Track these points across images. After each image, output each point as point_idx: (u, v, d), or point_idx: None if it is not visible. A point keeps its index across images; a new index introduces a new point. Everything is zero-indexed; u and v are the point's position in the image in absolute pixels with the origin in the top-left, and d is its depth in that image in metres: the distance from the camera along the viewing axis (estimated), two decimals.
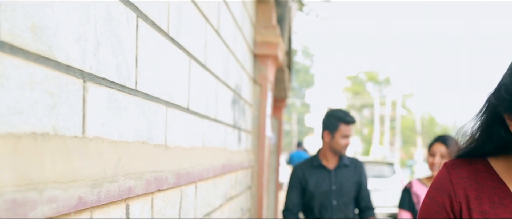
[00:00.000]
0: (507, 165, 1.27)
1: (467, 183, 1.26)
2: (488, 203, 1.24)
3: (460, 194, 1.25)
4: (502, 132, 1.23)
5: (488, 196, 1.25)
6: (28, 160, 0.83)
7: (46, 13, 0.89)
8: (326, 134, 3.60)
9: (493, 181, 1.26)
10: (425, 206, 1.31)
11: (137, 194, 1.35)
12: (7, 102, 0.79)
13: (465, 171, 1.28)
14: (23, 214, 0.80)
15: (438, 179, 1.31)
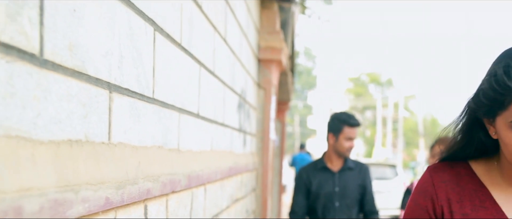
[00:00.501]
0: (488, 168, 1.31)
1: (449, 186, 1.30)
2: (470, 206, 1.27)
3: (442, 197, 1.29)
4: (482, 135, 1.27)
5: (470, 199, 1.28)
6: (66, 164, 0.94)
7: (80, 32, 1.00)
8: (330, 136, 3.69)
9: (474, 184, 1.30)
10: (409, 209, 1.35)
11: (154, 195, 1.45)
12: (49, 113, 0.89)
13: (447, 175, 1.31)
14: (62, 213, 0.90)
15: (421, 182, 1.34)
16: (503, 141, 1.19)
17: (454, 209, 1.27)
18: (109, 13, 1.14)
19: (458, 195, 1.28)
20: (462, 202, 1.28)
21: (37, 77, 0.85)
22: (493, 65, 1.20)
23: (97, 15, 1.07)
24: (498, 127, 1.20)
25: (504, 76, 1.14)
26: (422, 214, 1.31)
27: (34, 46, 0.84)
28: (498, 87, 1.15)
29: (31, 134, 0.84)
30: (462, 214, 1.26)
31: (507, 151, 1.20)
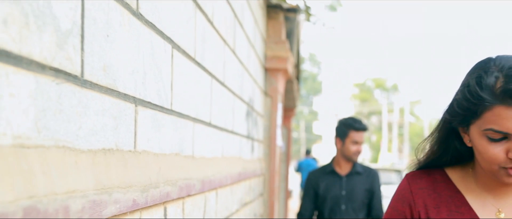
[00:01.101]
0: (463, 175, 1.37)
1: (426, 193, 1.35)
2: (446, 211, 1.32)
3: (419, 204, 1.34)
4: (457, 144, 1.33)
5: (446, 205, 1.33)
6: (101, 170, 1.08)
7: (112, 55, 1.14)
8: (337, 141, 3.82)
9: (450, 190, 1.35)
10: (388, 215, 1.41)
11: (172, 198, 1.58)
12: (88, 126, 1.03)
13: (425, 182, 1.37)
14: (99, 212, 1.04)
15: (399, 189, 1.40)
16: (477, 148, 1.24)
17: (431, 215, 1.32)
18: (135, 36, 1.28)
19: (435, 201, 1.33)
20: (439, 207, 1.33)
21: (79, 96, 0.99)
22: (467, 77, 1.25)
23: (125, 38, 1.21)
24: (472, 135, 1.25)
25: (476, 87, 1.19)
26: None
27: (76, 69, 0.98)
28: (471, 98, 1.20)
29: (74, 144, 0.98)
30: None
31: (480, 158, 1.25)
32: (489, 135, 1.19)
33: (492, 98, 1.16)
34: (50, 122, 0.89)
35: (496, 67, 1.18)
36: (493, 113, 1.16)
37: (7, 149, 0.76)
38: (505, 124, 1.15)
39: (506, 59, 1.19)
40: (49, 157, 0.88)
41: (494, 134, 1.18)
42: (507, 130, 1.15)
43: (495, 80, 1.16)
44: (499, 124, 1.16)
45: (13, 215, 0.74)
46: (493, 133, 1.18)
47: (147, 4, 1.35)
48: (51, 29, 0.88)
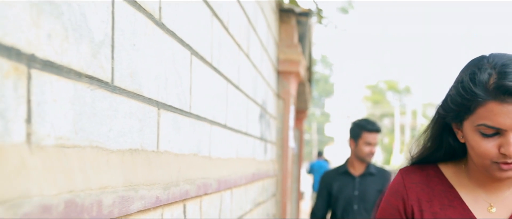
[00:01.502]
0: (456, 170, 1.39)
1: (419, 187, 1.38)
2: (439, 205, 1.35)
3: (412, 198, 1.37)
4: (451, 139, 1.36)
5: (439, 199, 1.36)
6: (128, 168, 1.17)
7: (138, 62, 1.23)
8: (351, 142, 3.90)
9: (443, 185, 1.38)
10: (382, 209, 1.44)
11: (191, 196, 1.68)
12: (117, 128, 1.13)
13: (418, 176, 1.40)
14: (127, 207, 1.13)
15: (393, 184, 1.44)
16: (470, 144, 1.26)
17: (424, 208, 1.35)
18: (158, 44, 1.37)
19: (427, 195, 1.37)
20: (432, 201, 1.36)
21: (109, 100, 1.09)
22: (461, 73, 1.28)
23: (149, 46, 1.31)
24: (465, 131, 1.27)
25: (470, 83, 1.21)
26: (393, 213, 1.40)
27: (107, 76, 1.07)
28: (464, 94, 1.22)
29: (105, 144, 1.07)
30: (432, 212, 1.34)
31: (473, 153, 1.27)
32: (482, 130, 1.22)
33: (485, 94, 1.18)
34: (85, 124, 0.98)
35: (489, 65, 1.21)
36: (486, 108, 1.19)
37: (51, 149, 0.86)
38: (498, 120, 1.18)
39: (499, 57, 1.22)
40: (85, 156, 0.97)
41: (487, 129, 1.21)
42: (500, 125, 1.18)
43: (488, 77, 1.19)
44: (491, 120, 1.19)
45: (56, 207, 0.83)
46: (486, 128, 1.21)
47: (168, 14, 1.45)
48: (86, 41, 0.97)
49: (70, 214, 0.87)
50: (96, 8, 1.01)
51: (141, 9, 1.24)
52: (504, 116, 1.17)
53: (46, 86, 0.84)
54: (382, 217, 1.42)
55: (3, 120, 0.73)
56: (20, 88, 0.77)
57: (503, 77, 1.17)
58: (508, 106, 1.17)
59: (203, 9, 1.83)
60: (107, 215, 1.03)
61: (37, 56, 0.81)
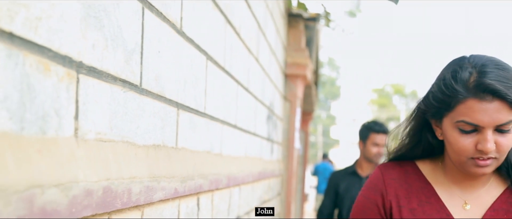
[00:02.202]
0: (433, 167, 1.43)
1: (397, 183, 1.42)
2: (416, 201, 1.38)
3: (391, 193, 1.41)
4: (429, 136, 1.39)
5: (416, 195, 1.39)
6: (152, 162, 1.31)
7: (161, 67, 1.37)
8: (360, 143, 4.03)
9: (420, 182, 1.41)
10: (360, 203, 1.47)
11: (204, 190, 1.82)
12: (143, 126, 1.27)
13: (396, 173, 1.43)
14: (151, 196, 1.27)
15: (372, 179, 1.47)
16: (448, 140, 1.30)
17: (402, 204, 1.39)
18: (178, 50, 1.51)
19: (406, 191, 1.40)
20: (410, 198, 1.39)
21: (138, 101, 1.23)
22: (443, 71, 1.33)
23: (171, 52, 1.45)
24: (444, 128, 1.31)
25: (451, 80, 1.26)
26: (371, 208, 1.43)
27: (137, 80, 1.21)
28: (446, 90, 1.27)
29: (134, 139, 1.22)
30: (410, 209, 1.38)
31: (451, 150, 1.31)
32: (461, 127, 1.26)
33: (466, 92, 1.23)
34: (118, 122, 1.12)
35: (470, 64, 1.27)
36: (466, 105, 1.24)
37: (92, 142, 1.00)
38: (476, 117, 1.23)
39: (479, 58, 1.28)
40: (118, 149, 1.12)
41: (465, 126, 1.25)
42: (478, 122, 1.23)
43: (469, 75, 1.24)
44: (470, 116, 1.23)
45: (96, 192, 0.97)
46: (464, 125, 1.25)
47: (188, 23, 1.59)
48: (121, 49, 1.12)
49: (106, 199, 1.01)
50: (130, 20, 1.15)
51: (165, 20, 1.38)
52: (482, 113, 1.22)
53: (90, 89, 0.98)
54: (360, 211, 1.45)
55: (58, 117, 0.87)
56: (70, 91, 0.91)
57: (483, 75, 1.23)
58: (486, 104, 1.22)
59: (217, 17, 1.98)
60: (135, 202, 1.17)
61: (84, 63, 0.95)
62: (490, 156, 1.28)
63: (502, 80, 1.23)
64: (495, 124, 1.24)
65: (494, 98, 1.23)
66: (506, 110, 1.23)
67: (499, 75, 1.24)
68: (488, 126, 1.23)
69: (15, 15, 0.74)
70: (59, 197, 0.84)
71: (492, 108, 1.23)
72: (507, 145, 1.28)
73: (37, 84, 0.80)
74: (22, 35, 0.76)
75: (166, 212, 1.44)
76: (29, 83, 0.78)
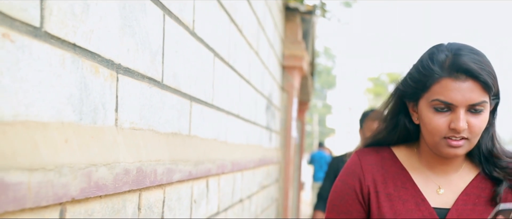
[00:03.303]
0: (408, 153, 1.46)
1: (375, 169, 1.44)
2: (393, 186, 1.41)
3: (368, 179, 1.43)
4: (406, 121, 1.42)
5: (392, 180, 1.42)
6: (171, 147, 1.51)
7: (178, 65, 1.57)
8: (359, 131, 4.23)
9: (396, 167, 1.44)
10: (337, 188, 1.48)
11: (212, 174, 2.02)
12: (163, 116, 1.47)
13: (373, 158, 1.46)
14: (171, 177, 1.48)
15: (349, 164, 1.48)
16: (423, 121, 1.34)
17: (379, 189, 1.41)
18: (191, 49, 1.71)
19: (382, 177, 1.43)
20: (387, 183, 1.42)
21: (160, 95, 1.43)
22: (421, 55, 1.38)
23: (185, 52, 1.65)
24: (420, 109, 1.35)
25: (428, 61, 1.32)
26: (349, 193, 1.45)
27: (159, 77, 1.42)
28: (423, 70, 1.32)
29: (157, 128, 1.42)
30: (386, 193, 1.41)
31: (425, 131, 1.34)
32: (435, 106, 1.30)
33: (441, 71, 1.29)
34: (146, 114, 1.33)
35: (447, 48, 1.33)
36: (440, 84, 1.28)
37: (127, 130, 1.20)
38: (450, 95, 1.27)
39: (455, 43, 1.35)
40: (146, 136, 1.32)
41: (439, 104, 1.29)
42: (451, 100, 1.27)
43: (445, 57, 1.30)
44: (444, 95, 1.28)
45: (132, 172, 1.18)
46: (438, 103, 1.29)
47: (199, 24, 1.79)
48: (148, 52, 1.32)
49: (139, 178, 1.22)
50: (154, 26, 1.35)
51: (181, 23, 1.58)
52: (456, 92, 1.27)
53: (126, 86, 1.18)
54: (338, 196, 1.47)
55: (104, 110, 1.08)
56: (112, 88, 1.11)
57: (458, 57, 1.29)
58: (460, 83, 1.27)
59: (223, 17, 2.17)
60: (159, 182, 1.38)
61: (122, 65, 1.15)
62: (463, 136, 1.31)
63: (476, 62, 1.28)
64: (467, 103, 1.28)
65: (467, 78, 1.27)
66: (479, 90, 1.28)
67: (473, 58, 1.29)
68: (461, 105, 1.27)
69: (77, 29, 0.94)
70: (107, 174, 1.04)
71: (465, 87, 1.27)
72: (479, 126, 1.31)
73: (90, 84, 1.01)
74: (81, 45, 0.96)
75: (182, 191, 1.65)
76: (86, 83, 0.99)
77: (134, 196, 1.23)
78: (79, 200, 0.95)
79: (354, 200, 1.44)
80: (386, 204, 1.39)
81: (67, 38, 0.90)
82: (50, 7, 0.84)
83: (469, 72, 1.27)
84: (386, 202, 1.40)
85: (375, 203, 1.40)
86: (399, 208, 1.39)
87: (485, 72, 1.28)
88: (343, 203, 1.46)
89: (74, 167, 0.90)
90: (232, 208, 2.53)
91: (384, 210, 1.39)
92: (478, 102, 1.28)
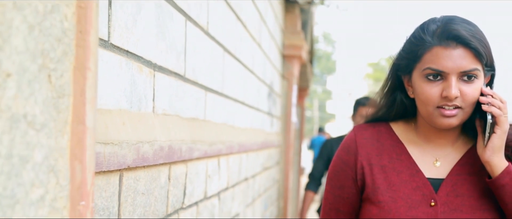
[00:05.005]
0: (406, 128, 1.47)
1: (369, 142, 1.44)
2: (387, 158, 1.42)
3: (362, 153, 1.43)
4: (402, 97, 1.42)
5: (387, 153, 1.43)
6: (192, 130, 1.82)
7: (196, 61, 1.88)
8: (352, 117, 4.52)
9: (392, 140, 1.45)
10: (334, 163, 1.49)
11: (222, 154, 2.33)
12: (186, 105, 1.78)
13: (369, 133, 1.46)
14: (191, 153, 1.79)
15: (346, 140, 1.49)
16: (416, 92, 1.34)
17: (373, 162, 1.42)
18: (205, 46, 2.02)
19: (377, 150, 1.43)
20: (381, 155, 1.43)
21: (183, 87, 1.74)
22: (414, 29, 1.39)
23: (201, 49, 1.95)
24: (413, 81, 1.35)
25: (420, 31, 1.34)
26: (344, 169, 1.46)
27: (182, 71, 1.72)
28: (415, 41, 1.34)
29: (181, 114, 1.73)
30: (381, 165, 1.42)
31: (419, 102, 1.35)
32: (427, 74, 1.30)
33: (432, 40, 1.30)
34: (173, 102, 1.63)
35: (439, 19, 1.35)
36: (432, 53, 1.29)
37: (160, 116, 1.51)
38: (441, 63, 1.28)
39: (447, 16, 1.37)
40: (173, 121, 1.63)
41: (431, 72, 1.29)
42: (443, 68, 1.28)
43: (436, 27, 1.32)
44: (436, 63, 1.28)
45: (165, 148, 1.48)
46: (430, 72, 1.29)
47: (212, 25, 2.09)
48: (175, 52, 1.62)
49: (169, 154, 1.53)
50: (179, 30, 1.65)
51: (198, 26, 1.88)
52: (447, 59, 1.27)
53: (159, 81, 1.49)
54: (334, 171, 1.50)
55: (145, 99, 1.38)
56: (151, 82, 1.42)
57: (449, 25, 1.30)
58: (451, 50, 1.28)
59: (231, 16, 2.47)
60: (183, 157, 1.69)
61: (157, 64, 1.46)
62: (456, 104, 1.30)
63: (466, 30, 1.29)
64: (459, 70, 1.27)
65: (458, 44, 1.27)
66: (470, 57, 1.28)
67: (464, 27, 1.30)
68: (452, 72, 1.28)
69: (129, 39, 1.24)
70: (149, 150, 1.35)
71: (456, 54, 1.27)
72: (471, 94, 1.30)
73: (137, 80, 1.31)
74: (131, 51, 1.27)
75: (200, 167, 1.96)
76: (134, 79, 1.29)
77: (165, 168, 1.54)
78: (131, 168, 1.26)
79: (347, 176, 1.45)
80: (381, 175, 1.40)
81: (123, 46, 1.21)
82: (113, 25, 1.15)
83: (459, 38, 1.27)
84: (381, 173, 1.40)
85: (369, 175, 1.41)
86: (394, 179, 1.39)
87: (475, 39, 1.28)
88: (337, 178, 1.48)
89: (129, 143, 1.21)
90: (239, 185, 2.85)
91: (378, 181, 1.39)
92: (470, 69, 1.28)
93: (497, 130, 1.31)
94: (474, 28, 1.31)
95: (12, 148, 0.65)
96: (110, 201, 1.14)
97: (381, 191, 1.38)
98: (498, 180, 1.32)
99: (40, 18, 0.69)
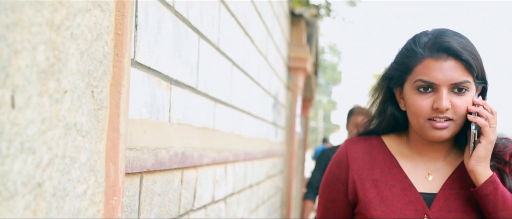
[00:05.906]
0: (397, 141, 1.45)
1: (361, 156, 1.43)
2: (379, 172, 1.40)
3: (354, 168, 1.41)
4: (394, 109, 1.41)
5: (379, 166, 1.41)
6: (202, 138, 1.98)
7: (208, 74, 2.03)
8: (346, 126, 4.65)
9: (384, 154, 1.43)
10: (326, 176, 1.49)
11: (230, 161, 2.49)
12: (197, 115, 1.93)
13: (361, 146, 1.44)
14: (201, 160, 1.94)
15: (337, 154, 1.48)
16: (408, 104, 1.34)
17: (364, 176, 1.40)
18: (217, 61, 2.18)
19: (369, 163, 1.42)
20: (373, 169, 1.41)
21: (196, 99, 1.89)
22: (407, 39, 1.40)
23: (212, 64, 2.11)
24: (405, 94, 1.35)
25: (412, 44, 1.35)
26: (335, 182, 1.45)
27: (195, 85, 1.88)
28: (406, 52, 1.34)
29: (193, 123, 1.88)
30: (373, 179, 1.40)
31: (411, 114, 1.34)
32: (418, 86, 1.30)
33: (423, 52, 1.30)
34: (187, 113, 1.79)
35: (430, 32, 1.36)
36: (423, 65, 1.30)
37: (176, 125, 1.67)
38: (432, 75, 1.28)
39: (439, 28, 1.37)
40: (186, 130, 1.78)
41: (422, 84, 1.29)
42: (433, 79, 1.28)
43: (427, 39, 1.33)
44: (427, 75, 1.29)
45: (179, 155, 1.64)
46: (421, 83, 1.29)
47: (222, 41, 2.25)
48: (188, 67, 1.78)
49: (182, 159, 1.68)
50: (193, 48, 1.81)
51: (210, 42, 2.04)
52: (437, 71, 1.28)
53: (175, 94, 1.65)
54: (326, 184, 1.49)
55: (163, 110, 1.54)
56: (168, 95, 1.57)
57: (440, 37, 1.31)
58: (442, 62, 1.28)
59: (239, 32, 2.63)
60: (194, 163, 1.84)
61: (173, 78, 1.62)
62: (447, 116, 1.29)
63: (457, 42, 1.30)
64: (449, 82, 1.28)
65: (448, 56, 1.28)
66: (461, 69, 1.28)
67: (455, 39, 1.30)
68: (443, 84, 1.28)
69: (150, 56, 1.40)
70: (165, 155, 1.51)
71: (447, 66, 1.27)
72: (463, 106, 1.30)
73: (156, 93, 1.47)
74: (152, 67, 1.43)
75: (208, 173, 2.11)
76: (154, 93, 1.45)
77: (179, 173, 1.70)
78: (150, 171, 1.41)
79: (338, 189, 1.44)
80: (373, 190, 1.38)
81: (146, 63, 1.37)
82: (138, 45, 1.31)
83: (450, 50, 1.28)
84: (373, 188, 1.39)
85: (361, 190, 1.39)
86: (386, 194, 1.37)
87: (466, 51, 1.29)
88: (328, 191, 1.47)
89: (149, 149, 1.37)
90: (244, 191, 3.00)
91: (370, 196, 1.38)
92: (460, 81, 1.28)
93: (482, 140, 1.32)
94: (465, 41, 1.32)
95: (65, 151, 0.81)
96: (132, 199, 1.30)
97: (373, 206, 1.37)
98: (482, 189, 1.32)
99: (88, 45, 0.85)
